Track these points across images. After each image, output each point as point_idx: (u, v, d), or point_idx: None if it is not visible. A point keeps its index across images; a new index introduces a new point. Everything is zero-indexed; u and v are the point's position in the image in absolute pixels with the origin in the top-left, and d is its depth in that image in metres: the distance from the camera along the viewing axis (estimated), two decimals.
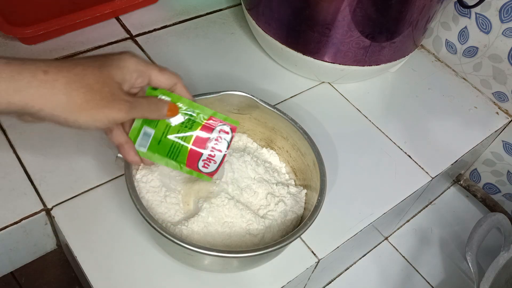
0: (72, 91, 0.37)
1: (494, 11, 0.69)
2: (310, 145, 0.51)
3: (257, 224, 0.48)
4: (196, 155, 0.47)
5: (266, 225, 0.48)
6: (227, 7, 0.80)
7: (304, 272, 0.52)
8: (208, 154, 0.47)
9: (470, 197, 0.85)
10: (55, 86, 0.36)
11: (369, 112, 0.70)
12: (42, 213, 0.50)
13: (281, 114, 0.53)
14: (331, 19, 0.59)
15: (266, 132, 0.56)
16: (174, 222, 0.47)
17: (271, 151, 0.57)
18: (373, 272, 0.72)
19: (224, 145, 0.47)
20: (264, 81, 0.70)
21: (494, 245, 0.69)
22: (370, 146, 0.66)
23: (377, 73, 0.71)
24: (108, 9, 0.69)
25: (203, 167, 0.47)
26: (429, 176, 0.64)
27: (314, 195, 0.50)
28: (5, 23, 0.61)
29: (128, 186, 0.44)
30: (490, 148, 0.80)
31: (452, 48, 0.78)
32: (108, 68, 0.39)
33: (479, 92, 0.78)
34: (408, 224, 0.79)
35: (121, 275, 0.47)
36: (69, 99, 0.37)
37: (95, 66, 0.39)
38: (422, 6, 0.60)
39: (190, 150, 0.46)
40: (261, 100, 0.52)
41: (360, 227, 0.57)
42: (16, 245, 0.51)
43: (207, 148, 0.47)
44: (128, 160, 0.45)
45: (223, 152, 0.47)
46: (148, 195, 0.48)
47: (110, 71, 0.39)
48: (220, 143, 0.47)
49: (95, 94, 0.38)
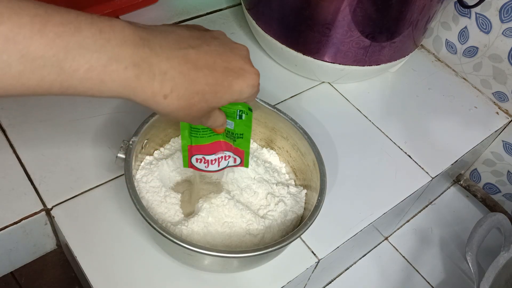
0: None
1: (494, 11, 0.69)
2: (310, 145, 0.51)
3: (257, 224, 0.48)
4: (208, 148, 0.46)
5: (266, 225, 0.48)
6: (227, 7, 0.80)
7: (304, 272, 0.52)
8: (210, 159, 0.47)
9: (470, 197, 0.85)
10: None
11: (369, 112, 0.70)
12: (42, 213, 0.50)
13: (281, 114, 0.53)
14: (331, 19, 0.59)
15: (266, 132, 0.56)
16: (174, 222, 0.47)
17: (271, 151, 0.57)
18: (373, 272, 0.72)
19: (223, 165, 0.47)
20: (264, 81, 0.69)
21: (494, 245, 0.69)
22: (370, 146, 0.66)
23: (377, 73, 0.71)
24: (108, 9, 0.69)
25: (196, 162, 0.47)
26: (429, 176, 0.64)
27: (314, 195, 0.50)
28: None
29: (128, 186, 0.44)
30: (490, 148, 0.80)
31: (452, 48, 0.78)
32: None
33: (479, 92, 0.78)
34: (408, 224, 0.79)
35: (121, 275, 0.47)
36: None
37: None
38: (422, 6, 0.60)
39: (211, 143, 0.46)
40: (261, 100, 0.52)
41: (360, 227, 0.57)
42: (16, 245, 0.51)
43: (214, 154, 0.47)
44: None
45: (216, 169, 0.47)
46: (148, 195, 0.48)
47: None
48: (222, 161, 0.47)
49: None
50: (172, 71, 0.33)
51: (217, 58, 0.35)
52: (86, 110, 0.59)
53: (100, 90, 0.30)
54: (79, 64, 0.28)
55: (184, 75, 0.33)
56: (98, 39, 0.29)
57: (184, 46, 0.34)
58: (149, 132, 0.50)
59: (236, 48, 0.38)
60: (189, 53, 0.34)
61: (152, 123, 0.49)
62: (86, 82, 0.29)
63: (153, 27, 0.34)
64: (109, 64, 0.29)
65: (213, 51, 0.36)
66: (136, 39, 0.31)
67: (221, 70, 0.36)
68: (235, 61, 0.37)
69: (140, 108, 0.62)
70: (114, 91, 0.31)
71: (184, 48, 0.34)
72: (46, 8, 0.27)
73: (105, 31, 0.30)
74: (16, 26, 0.26)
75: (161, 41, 0.33)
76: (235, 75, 0.36)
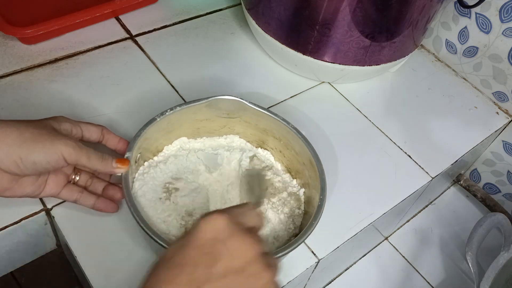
0: (22, 127, 0.41)
1: (494, 11, 0.69)
2: (305, 144, 0.51)
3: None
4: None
5: (269, 228, 0.48)
6: (227, 7, 0.80)
7: (304, 272, 0.52)
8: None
9: (470, 197, 0.85)
10: (6, 128, 0.40)
11: (369, 112, 0.70)
12: (42, 213, 0.50)
13: (272, 115, 0.52)
14: (331, 19, 0.59)
15: (257, 133, 0.56)
16: (174, 234, 0.47)
17: (265, 151, 0.57)
18: (373, 272, 0.72)
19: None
20: (264, 81, 0.70)
21: (494, 245, 0.69)
22: (370, 146, 0.66)
23: (377, 73, 0.71)
24: (108, 9, 0.69)
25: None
26: (429, 176, 0.64)
27: (313, 193, 0.49)
28: (5, 23, 0.61)
29: (126, 200, 0.44)
30: (490, 148, 0.80)
31: (452, 48, 0.78)
32: (45, 121, 0.44)
33: (479, 92, 0.78)
34: (408, 224, 0.79)
35: (121, 275, 0.47)
36: (21, 134, 0.41)
37: (33, 121, 0.43)
38: (422, 6, 0.60)
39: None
40: (250, 102, 0.52)
41: (360, 227, 0.57)
42: (16, 245, 0.51)
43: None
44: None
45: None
46: (147, 207, 0.48)
47: (48, 121, 0.44)
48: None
49: (42, 130, 0.42)
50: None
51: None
52: (86, 110, 0.59)
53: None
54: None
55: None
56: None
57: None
58: (142, 146, 0.49)
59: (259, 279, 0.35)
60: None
61: (143, 136, 0.49)
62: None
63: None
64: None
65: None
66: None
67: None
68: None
69: (139, 108, 0.62)
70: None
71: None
72: None
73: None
74: None
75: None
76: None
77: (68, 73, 0.63)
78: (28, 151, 0.41)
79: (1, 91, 0.59)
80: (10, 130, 0.41)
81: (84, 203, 0.48)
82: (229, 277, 0.33)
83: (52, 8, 0.67)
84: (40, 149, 0.41)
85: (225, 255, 0.33)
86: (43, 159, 0.41)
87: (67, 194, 0.47)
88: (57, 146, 0.42)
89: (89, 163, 0.44)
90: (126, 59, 0.67)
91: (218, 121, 0.55)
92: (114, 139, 0.50)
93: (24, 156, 0.41)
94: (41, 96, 0.60)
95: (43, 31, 0.63)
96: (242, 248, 0.34)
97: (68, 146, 0.42)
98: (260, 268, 0.34)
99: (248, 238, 0.35)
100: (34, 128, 0.42)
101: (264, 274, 0.34)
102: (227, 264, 0.33)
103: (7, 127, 0.41)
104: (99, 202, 0.49)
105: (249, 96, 0.63)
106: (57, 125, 0.45)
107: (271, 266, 0.35)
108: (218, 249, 0.33)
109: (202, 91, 0.65)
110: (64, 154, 0.42)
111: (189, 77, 0.67)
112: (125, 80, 0.64)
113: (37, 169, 0.42)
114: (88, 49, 0.67)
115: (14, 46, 0.64)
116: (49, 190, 0.46)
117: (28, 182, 0.44)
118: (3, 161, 0.40)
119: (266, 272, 0.34)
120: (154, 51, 0.69)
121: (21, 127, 0.41)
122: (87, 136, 0.48)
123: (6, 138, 0.40)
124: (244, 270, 0.34)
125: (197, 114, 0.53)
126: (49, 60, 0.64)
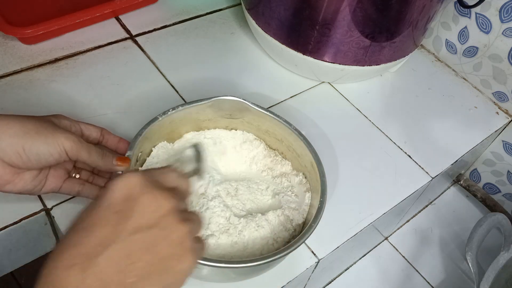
0: (24, 120, 0.42)
1: (494, 11, 0.69)
2: (306, 146, 0.51)
3: (266, 230, 0.47)
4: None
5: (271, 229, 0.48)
6: (227, 7, 0.80)
7: (304, 272, 0.52)
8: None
9: (470, 197, 0.85)
10: (9, 120, 0.41)
11: (369, 112, 0.70)
12: (42, 213, 0.50)
13: (274, 117, 0.52)
14: (331, 19, 0.59)
15: (260, 135, 0.56)
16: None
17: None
18: (373, 272, 0.72)
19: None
20: (264, 81, 0.70)
21: (494, 245, 0.69)
22: (370, 146, 0.66)
23: (377, 73, 0.71)
24: (108, 9, 0.69)
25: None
26: (429, 176, 0.64)
27: (314, 195, 0.49)
28: (5, 23, 0.61)
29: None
30: (490, 148, 0.80)
31: (452, 48, 0.78)
32: (45, 117, 0.44)
33: (479, 92, 0.78)
34: (408, 224, 0.79)
35: None
36: (23, 125, 0.41)
37: (34, 116, 0.43)
38: (422, 6, 0.60)
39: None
40: (252, 104, 0.52)
41: (360, 227, 0.57)
42: (16, 245, 0.51)
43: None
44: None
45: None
46: None
47: (48, 117, 0.44)
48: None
49: (44, 123, 0.42)
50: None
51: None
52: (86, 110, 0.59)
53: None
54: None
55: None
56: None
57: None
58: (143, 145, 0.49)
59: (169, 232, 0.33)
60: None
61: (145, 135, 0.48)
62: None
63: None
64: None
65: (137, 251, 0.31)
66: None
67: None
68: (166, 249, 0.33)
69: (139, 108, 0.62)
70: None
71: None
72: None
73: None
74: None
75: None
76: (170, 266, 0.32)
77: (68, 73, 0.63)
78: (31, 142, 0.40)
79: (1, 91, 0.59)
80: (12, 123, 0.41)
81: (87, 194, 0.48)
82: (139, 233, 0.31)
83: (52, 8, 0.67)
84: (43, 140, 0.41)
85: (136, 212, 0.32)
86: (45, 150, 0.41)
87: (68, 188, 0.47)
88: (59, 139, 0.42)
89: (90, 158, 0.44)
90: (126, 59, 0.67)
91: (221, 121, 0.54)
92: (114, 139, 0.50)
93: (28, 147, 0.40)
94: (41, 96, 0.60)
95: (43, 31, 0.63)
96: (155, 204, 0.32)
97: (69, 139, 0.42)
98: (174, 221, 0.33)
99: (163, 193, 0.33)
100: (36, 121, 0.42)
101: (179, 226, 0.33)
102: (138, 221, 0.31)
103: (9, 119, 0.41)
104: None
105: (249, 96, 0.63)
106: (57, 121, 0.45)
107: (187, 220, 0.33)
108: (130, 207, 0.32)
109: (202, 91, 0.65)
110: (66, 147, 0.42)
111: (189, 77, 0.67)
112: (125, 80, 0.64)
113: (40, 161, 0.42)
114: (88, 49, 0.67)
115: (14, 46, 0.64)
116: (50, 185, 0.45)
117: (29, 176, 0.43)
118: (6, 152, 0.40)
119: (180, 225, 0.33)
120: (154, 51, 0.69)
121: (23, 119, 0.41)
122: (86, 134, 0.48)
123: (8, 130, 0.40)
124: (156, 225, 0.32)
125: (200, 114, 0.53)
126: (49, 60, 0.64)
